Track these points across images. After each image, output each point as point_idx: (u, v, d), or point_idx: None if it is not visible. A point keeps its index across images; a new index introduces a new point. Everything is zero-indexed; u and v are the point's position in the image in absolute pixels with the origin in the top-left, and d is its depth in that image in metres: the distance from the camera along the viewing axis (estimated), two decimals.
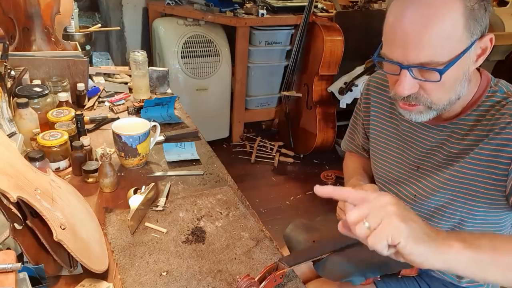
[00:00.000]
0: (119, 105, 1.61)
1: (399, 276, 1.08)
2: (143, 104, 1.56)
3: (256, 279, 0.82)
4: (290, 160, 3.03)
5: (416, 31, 0.76)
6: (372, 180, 1.19)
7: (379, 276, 1.03)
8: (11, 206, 0.77)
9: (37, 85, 1.39)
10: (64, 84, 1.48)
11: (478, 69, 0.92)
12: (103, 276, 0.86)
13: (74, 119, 1.29)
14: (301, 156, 3.08)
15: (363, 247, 1.03)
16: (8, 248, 0.83)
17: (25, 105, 1.22)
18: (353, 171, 1.22)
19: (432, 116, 0.87)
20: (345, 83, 2.78)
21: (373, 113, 1.10)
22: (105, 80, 1.81)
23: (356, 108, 1.20)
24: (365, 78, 2.72)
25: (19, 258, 0.80)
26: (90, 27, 2.29)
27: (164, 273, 0.89)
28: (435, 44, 0.76)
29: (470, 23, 0.76)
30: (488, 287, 1.08)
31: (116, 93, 1.70)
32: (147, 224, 1.03)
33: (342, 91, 2.78)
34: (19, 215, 0.78)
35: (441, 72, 0.77)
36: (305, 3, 2.77)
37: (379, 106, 1.09)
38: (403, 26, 0.77)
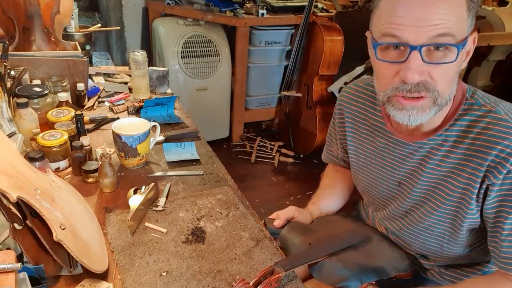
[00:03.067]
0: (119, 105, 1.61)
1: (394, 280, 1.08)
2: (143, 104, 1.55)
3: (251, 283, 0.82)
4: (290, 160, 3.03)
5: (428, 3, 0.72)
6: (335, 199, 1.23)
7: (374, 281, 1.03)
8: (11, 206, 0.77)
9: (37, 85, 1.39)
10: (64, 84, 1.48)
11: None
12: (103, 276, 0.86)
13: (74, 119, 1.29)
14: (301, 156, 3.08)
15: (359, 251, 1.04)
16: (8, 248, 0.83)
17: (25, 105, 1.22)
18: (319, 190, 1.25)
19: (432, 115, 0.83)
20: (345, 83, 2.78)
21: (349, 128, 1.08)
22: (105, 80, 1.81)
23: (331, 121, 1.18)
24: (365, 78, 2.72)
25: (19, 258, 0.80)
26: (90, 27, 2.29)
27: (164, 273, 0.89)
28: (449, 15, 0.72)
29: (469, 12, 0.75)
30: None
31: (116, 93, 1.70)
32: (147, 224, 1.03)
33: None
34: (19, 215, 0.78)
35: (459, 48, 0.73)
36: (305, 3, 2.77)
37: (354, 122, 1.06)
38: (412, 1, 0.73)
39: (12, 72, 1.34)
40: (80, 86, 1.55)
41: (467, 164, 0.86)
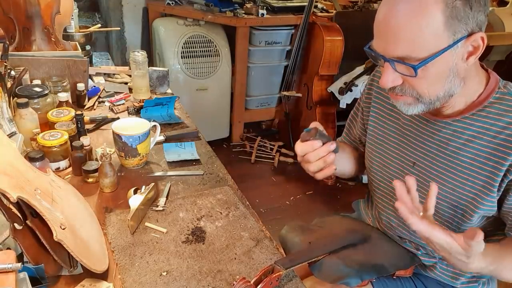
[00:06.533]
0: (119, 105, 1.61)
1: (394, 277, 1.08)
2: (143, 104, 1.56)
3: (252, 282, 0.82)
4: (290, 160, 3.02)
5: (396, 26, 0.77)
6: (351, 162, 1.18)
7: (374, 278, 1.03)
8: (11, 206, 0.77)
9: (37, 85, 1.39)
10: (64, 84, 1.48)
11: (486, 69, 0.91)
12: (103, 276, 0.86)
13: (74, 119, 1.29)
14: None
15: (359, 249, 1.04)
16: (8, 248, 0.83)
17: (25, 105, 1.22)
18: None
19: (422, 110, 0.87)
20: (345, 83, 2.78)
21: (375, 104, 1.09)
22: (105, 80, 1.81)
23: (359, 99, 1.19)
24: (365, 78, 2.72)
25: (19, 258, 0.80)
26: (90, 27, 2.29)
27: (164, 273, 0.89)
28: (412, 40, 0.77)
29: (451, 22, 0.76)
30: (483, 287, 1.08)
31: (116, 93, 1.70)
32: (147, 224, 1.03)
33: (342, 91, 2.78)
34: (19, 215, 0.78)
35: (415, 68, 0.79)
36: (305, 3, 2.77)
37: (382, 98, 1.08)
38: (386, 20, 0.79)
39: (13, 72, 1.34)
40: (80, 86, 1.55)
41: (492, 153, 0.87)
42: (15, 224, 0.77)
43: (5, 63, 1.35)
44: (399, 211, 0.75)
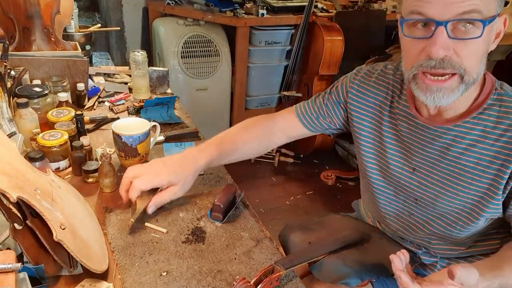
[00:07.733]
0: (119, 105, 1.61)
1: (394, 277, 1.08)
2: (143, 104, 1.55)
3: (251, 282, 0.82)
4: (290, 160, 3.03)
5: None
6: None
7: (374, 278, 1.03)
8: (11, 206, 0.77)
9: (37, 85, 1.39)
10: (64, 84, 1.48)
11: None
12: (103, 276, 0.86)
13: (74, 119, 1.29)
14: (301, 156, 3.08)
15: (359, 249, 1.04)
16: (8, 248, 0.83)
17: (25, 105, 1.22)
18: (224, 135, 1.15)
19: (460, 94, 0.81)
20: None
21: (369, 108, 1.05)
22: (105, 80, 1.81)
23: (333, 91, 1.12)
24: None
25: (19, 258, 0.80)
26: (90, 27, 2.29)
27: (164, 273, 0.89)
28: None
29: None
30: None
31: (116, 93, 1.70)
32: (147, 224, 1.03)
33: None
34: (19, 215, 0.78)
35: (484, 23, 0.73)
36: (305, 3, 2.77)
37: (379, 104, 1.04)
38: None
39: (12, 72, 1.34)
40: (80, 86, 1.55)
41: (496, 156, 0.86)
42: (15, 224, 0.77)
43: (5, 63, 1.35)
44: (400, 279, 0.75)
